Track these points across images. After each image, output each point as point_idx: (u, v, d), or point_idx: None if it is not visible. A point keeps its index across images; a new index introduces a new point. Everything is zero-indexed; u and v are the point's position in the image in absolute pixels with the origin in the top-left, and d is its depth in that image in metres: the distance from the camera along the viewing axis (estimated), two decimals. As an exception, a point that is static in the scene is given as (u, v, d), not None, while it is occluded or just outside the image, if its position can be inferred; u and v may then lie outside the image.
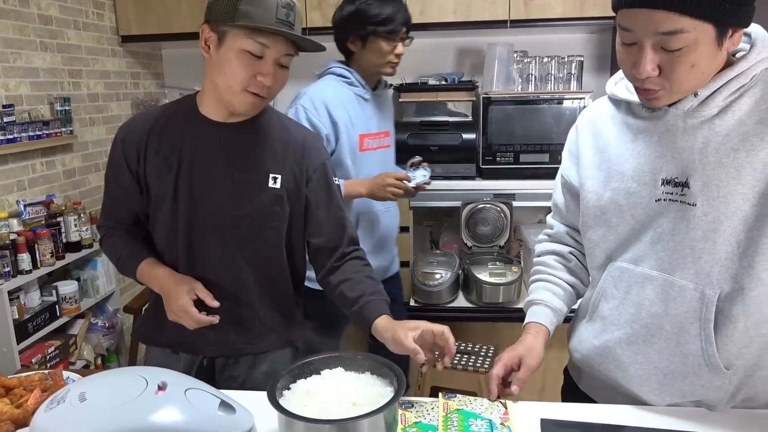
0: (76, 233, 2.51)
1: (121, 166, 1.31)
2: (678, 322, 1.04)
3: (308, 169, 1.31)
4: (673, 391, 1.08)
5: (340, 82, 1.94)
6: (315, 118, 1.86)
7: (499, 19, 2.69)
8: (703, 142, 0.98)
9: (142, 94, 3.22)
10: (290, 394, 1.02)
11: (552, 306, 1.24)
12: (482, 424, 1.04)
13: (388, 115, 2.12)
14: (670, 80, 0.94)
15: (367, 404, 0.97)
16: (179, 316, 1.24)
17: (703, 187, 0.98)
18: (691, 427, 1.05)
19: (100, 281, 2.69)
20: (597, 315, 1.16)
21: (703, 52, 0.90)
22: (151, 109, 1.38)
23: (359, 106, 1.95)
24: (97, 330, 2.72)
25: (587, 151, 1.16)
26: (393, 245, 2.21)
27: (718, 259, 0.99)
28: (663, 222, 1.03)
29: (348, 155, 1.93)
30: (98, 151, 2.88)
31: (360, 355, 1.11)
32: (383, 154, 2.06)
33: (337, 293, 1.31)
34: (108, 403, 0.70)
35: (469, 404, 1.12)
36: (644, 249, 1.06)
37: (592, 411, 1.11)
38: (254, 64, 1.16)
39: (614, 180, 1.09)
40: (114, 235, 1.39)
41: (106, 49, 2.94)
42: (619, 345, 1.11)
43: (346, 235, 1.35)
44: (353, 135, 1.93)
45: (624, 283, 1.10)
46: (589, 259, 1.19)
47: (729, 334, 1.01)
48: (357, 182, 1.92)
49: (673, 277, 1.03)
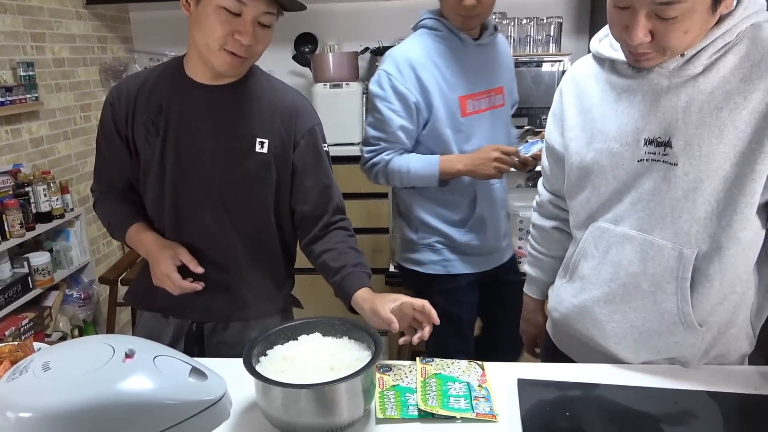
0: (46, 203, 2.44)
1: (111, 129, 1.29)
2: (655, 282, 1.04)
3: (296, 134, 1.28)
4: (649, 349, 1.09)
5: (431, 35, 1.62)
6: (400, 84, 1.58)
7: (478, -21, 2.63)
8: (687, 101, 0.97)
9: (110, 59, 3.11)
10: (267, 360, 1.01)
11: (538, 280, 1.39)
12: (461, 387, 1.05)
13: (500, 66, 1.71)
14: (662, 45, 0.92)
15: (345, 368, 0.97)
16: (162, 281, 1.24)
17: (685, 146, 0.97)
18: (665, 383, 1.06)
19: (74, 252, 2.64)
20: (576, 275, 1.17)
21: (697, 19, 0.89)
22: (142, 71, 1.34)
23: (457, 63, 1.61)
24: (72, 301, 2.68)
25: (571, 112, 1.15)
26: (502, 219, 1.81)
27: (698, 219, 0.99)
28: (645, 182, 1.03)
29: (447, 123, 1.61)
30: (66, 119, 2.79)
31: (337, 320, 1.09)
32: (495, 115, 1.69)
33: (320, 262, 1.29)
34: (73, 372, 0.68)
35: (447, 368, 1.12)
36: (625, 209, 1.06)
37: (568, 370, 1.12)
38: (231, 21, 1.12)
39: (597, 141, 1.08)
40: (107, 199, 1.38)
41: (70, 11, 2.81)
42: (596, 304, 1.12)
43: (332, 204, 1.32)
44: (451, 98, 1.61)
45: (604, 242, 1.10)
46: (572, 219, 1.20)
47: (704, 293, 1.02)
48: (454, 157, 1.62)
49: (652, 236, 1.03)
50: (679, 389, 1.04)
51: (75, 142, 2.85)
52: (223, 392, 0.79)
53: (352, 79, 2.84)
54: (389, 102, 1.60)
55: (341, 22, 3.13)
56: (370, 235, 2.87)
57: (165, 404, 0.71)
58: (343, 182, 3.20)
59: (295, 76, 3.17)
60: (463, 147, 1.63)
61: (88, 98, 2.95)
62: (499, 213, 1.78)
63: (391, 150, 1.65)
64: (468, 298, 1.82)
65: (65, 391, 0.67)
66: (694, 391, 1.04)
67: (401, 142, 1.64)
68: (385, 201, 2.79)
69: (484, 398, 1.02)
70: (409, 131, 1.63)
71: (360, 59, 2.99)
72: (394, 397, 1.03)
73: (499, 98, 1.70)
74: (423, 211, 1.74)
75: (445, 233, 1.73)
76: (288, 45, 3.12)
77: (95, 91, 3.00)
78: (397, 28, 3.07)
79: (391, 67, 1.60)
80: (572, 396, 1.05)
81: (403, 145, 1.65)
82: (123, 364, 0.70)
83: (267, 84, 1.30)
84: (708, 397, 1.03)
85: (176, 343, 1.35)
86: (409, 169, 1.63)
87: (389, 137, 1.64)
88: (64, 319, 2.59)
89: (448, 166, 1.60)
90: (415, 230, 1.77)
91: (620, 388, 1.06)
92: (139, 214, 1.34)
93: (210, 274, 1.27)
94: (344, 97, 2.77)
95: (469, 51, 1.62)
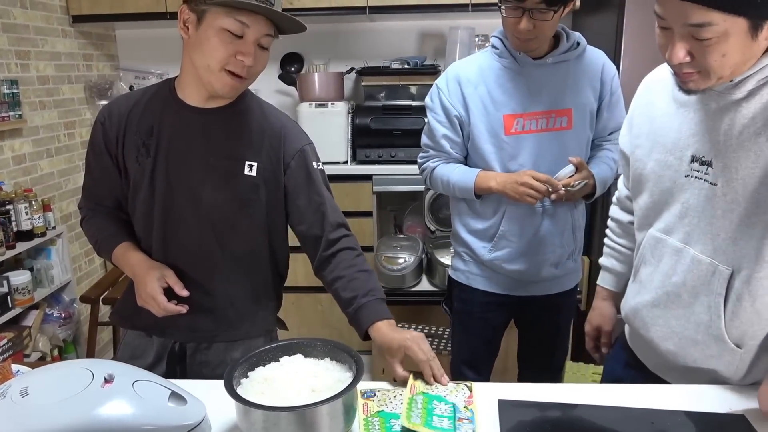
0: (28, 221, 2.42)
1: (100, 148, 1.31)
2: (694, 293, 1.09)
3: (285, 156, 1.29)
4: (686, 355, 1.13)
5: (492, 53, 1.64)
6: (446, 99, 1.65)
7: (461, 3, 2.68)
8: (729, 124, 1.00)
9: (96, 77, 3.10)
10: (248, 382, 1.01)
11: (614, 271, 1.45)
12: (446, 408, 1.05)
13: (573, 87, 1.62)
14: (703, 66, 0.94)
15: (326, 390, 0.97)
16: (147, 302, 1.24)
17: (723, 168, 1.01)
18: (643, 403, 1.07)
19: (55, 271, 2.61)
20: (638, 278, 1.23)
21: (735, 43, 0.90)
22: (133, 91, 1.36)
23: (510, 82, 1.60)
24: (52, 320, 2.64)
25: (639, 118, 1.21)
26: (549, 250, 1.70)
27: (734, 239, 1.02)
28: (690, 197, 1.07)
29: (487, 140, 1.62)
30: (50, 136, 2.78)
31: (319, 341, 1.10)
32: (553, 137, 1.62)
33: (333, 291, 1.30)
34: (51, 398, 0.68)
35: (436, 387, 1.12)
36: (674, 221, 1.11)
37: (548, 390, 1.13)
38: (234, 43, 1.15)
39: (657, 150, 1.14)
40: (94, 217, 1.38)
41: (56, 29, 2.82)
42: (645, 307, 1.19)
43: (328, 222, 1.32)
44: (495, 116, 1.61)
45: (658, 251, 1.16)
46: (635, 219, 1.25)
47: (736, 312, 1.05)
48: (491, 174, 1.62)
49: (694, 250, 1.08)
50: (657, 409, 1.06)
51: (58, 160, 2.83)
52: (203, 416, 0.79)
53: (338, 99, 2.86)
54: (436, 113, 1.69)
55: (327, 42, 3.16)
56: (354, 254, 2.88)
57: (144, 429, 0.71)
58: (327, 201, 3.17)
59: (281, 95, 3.20)
60: (507, 165, 1.63)
61: (73, 116, 2.94)
62: (544, 239, 1.68)
63: (438, 158, 1.73)
64: (489, 316, 1.80)
65: (43, 418, 0.66)
66: (671, 411, 1.05)
67: (446, 151, 1.70)
68: (370, 219, 2.80)
69: (467, 420, 1.02)
70: (454, 142, 1.69)
71: (345, 79, 3.02)
72: (378, 424, 1.02)
73: (563, 120, 1.62)
74: (458, 220, 1.78)
75: (470, 246, 1.74)
76: (274, 64, 3.15)
77: (80, 108, 3.00)
78: (382, 49, 3.12)
79: (442, 82, 1.68)
80: (552, 416, 1.06)
81: (448, 155, 1.71)
82: (102, 390, 0.70)
83: (257, 107, 1.31)
84: (685, 416, 1.04)
85: (159, 361, 1.35)
86: (449, 178, 1.69)
87: (435, 146, 1.72)
88: (44, 339, 2.55)
89: (483, 181, 1.63)
90: (454, 237, 1.83)
91: (599, 408, 1.07)
92: (127, 233, 1.34)
93: (195, 296, 1.27)
94: (329, 117, 2.79)
95: (526, 71, 1.60)
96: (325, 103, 2.81)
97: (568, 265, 1.75)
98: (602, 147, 1.73)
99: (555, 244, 1.69)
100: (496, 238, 1.69)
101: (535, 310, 1.80)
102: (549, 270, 1.71)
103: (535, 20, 1.45)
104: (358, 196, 2.78)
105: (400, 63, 2.87)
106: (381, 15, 2.80)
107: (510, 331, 1.92)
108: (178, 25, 1.20)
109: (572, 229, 1.71)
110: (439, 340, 2.43)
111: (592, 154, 1.72)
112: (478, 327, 1.82)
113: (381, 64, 2.91)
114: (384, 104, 2.83)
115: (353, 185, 2.77)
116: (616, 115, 1.70)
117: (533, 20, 1.45)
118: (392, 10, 2.72)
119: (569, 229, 1.70)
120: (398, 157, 2.76)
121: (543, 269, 1.71)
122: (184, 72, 1.25)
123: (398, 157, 2.75)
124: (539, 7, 1.43)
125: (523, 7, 1.44)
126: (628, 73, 2.30)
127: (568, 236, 1.71)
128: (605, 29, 2.47)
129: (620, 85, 1.68)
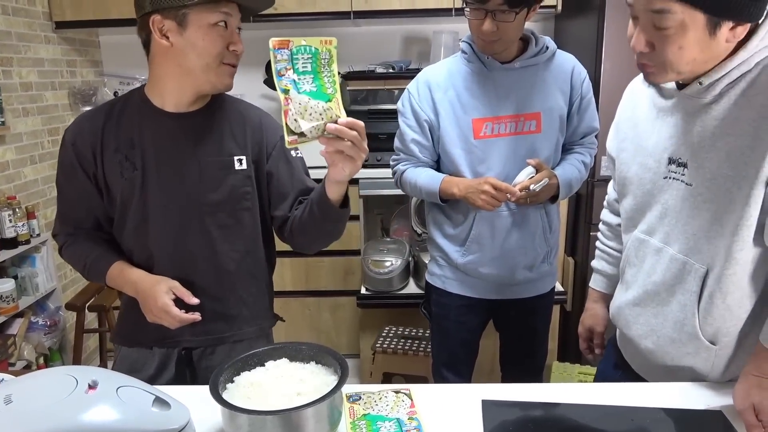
0: (12, 229, 2.41)
1: (74, 169, 1.27)
2: (671, 292, 1.12)
3: (267, 146, 1.33)
4: (664, 354, 1.16)
5: (462, 58, 1.65)
6: (416, 103, 1.66)
7: (444, 8, 2.70)
8: (701, 126, 1.03)
9: (80, 83, 3.09)
10: (234, 387, 1.02)
11: (604, 273, 1.47)
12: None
13: (542, 91, 1.62)
14: (660, 58, 0.98)
15: (312, 393, 0.97)
16: (160, 317, 1.22)
17: (698, 168, 1.04)
18: (623, 401, 1.10)
19: (40, 278, 2.60)
20: (624, 279, 1.27)
21: (693, 37, 0.94)
22: (97, 107, 1.32)
23: (478, 86, 1.61)
24: (38, 329, 2.63)
25: (624, 123, 1.24)
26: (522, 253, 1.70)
27: (709, 237, 1.05)
28: (668, 198, 1.11)
29: (457, 144, 1.63)
30: (34, 143, 2.76)
31: (304, 345, 1.10)
32: (521, 141, 1.62)
33: (298, 223, 1.31)
34: (35, 405, 0.68)
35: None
36: (655, 222, 1.15)
37: (530, 390, 1.15)
38: (223, 35, 1.19)
39: (639, 154, 1.17)
40: (75, 243, 1.34)
41: (39, 35, 2.80)
42: (628, 306, 1.23)
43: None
44: (464, 120, 1.61)
45: (641, 252, 1.19)
46: (622, 223, 1.29)
47: (709, 310, 1.07)
48: (454, 180, 1.63)
49: (672, 249, 1.11)
50: (636, 407, 1.08)
51: (42, 167, 2.81)
52: (187, 421, 0.79)
53: (323, 103, 2.87)
54: (406, 118, 1.71)
55: (312, 46, 3.17)
56: (341, 258, 2.89)
57: (129, 434, 0.72)
58: (314, 205, 3.15)
59: (267, 99, 3.20)
60: (476, 168, 1.64)
61: (57, 122, 2.93)
62: (516, 242, 1.68)
63: (408, 162, 1.75)
64: (465, 320, 1.81)
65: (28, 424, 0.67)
66: (650, 408, 1.07)
67: (415, 155, 1.72)
68: (356, 223, 2.81)
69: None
70: (424, 146, 1.70)
71: (331, 83, 3.02)
72: (365, 427, 1.03)
73: (531, 124, 1.63)
74: (433, 225, 1.80)
75: (445, 250, 1.76)
76: (259, 69, 3.15)
77: (64, 115, 2.98)
78: (367, 53, 3.13)
79: (413, 86, 1.70)
80: (534, 415, 1.08)
81: (417, 158, 1.72)
82: (86, 396, 0.71)
83: (231, 105, 1.34)
84: (664, 413, 1.06)
85: (161, 372, 1.35)
86: (417, 182, 1.71)
87: (405, 150, 1.73)
88: (29, 347, 2.53)
89: (447, 187, 1.64)
90: (430, 241, 1.84)
91: (580, 406, 1.09)
92: (115, 252, 1.32)
93: (204, 301, 1.27)
94: (315, 121, 2.80)
95: (494, 75, 1.61)
96: (310, 107, 2.81)
97: (543, 268, 1.76)
98: (573, 150, 1.75)
99: (527, 247, 1.70)
100: (468, 242, 1.70)
101: (511, 312, 1.82)
102: (523, 273, 1.73)
103: (498, 22, 1.47)
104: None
105: (385, 67, 2.89)
106: (365, 20, 2.82)
107: (494, 333, 1.94)
108: (153, 36, 1.18)
109: (543, 231, 1.71)
110: (427, 342, 2.44)
111: (562, 158, 1.73)
112: (456, 330, 1.83)
113: (366, 69, 2.93)
114: (369, 108, 2.84)
115: (339, 189, 2.78)
116: (587, 118, 1.72)
117: (496, 22, 1.47)
118: (376, 15, 2.74)
119: (540, 232, 1.71)
120: (384, 161, 2.77)
121: (516, 272, 1.72)
122: (160, 79, 1.24)
123: (384, 160, 2.77)
124: (501, 8, 1.44)
125: (486, 9, 1.46)
126: (608, 76, 2.34)
127: (540, 239, 1.71)
128: (586, 33, 2.51)
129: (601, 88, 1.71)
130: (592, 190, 2.49)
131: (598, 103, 2.25)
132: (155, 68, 1.23)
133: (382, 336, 2.51)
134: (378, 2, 2.72)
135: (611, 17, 2.32)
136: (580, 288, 2.62)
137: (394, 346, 2.41)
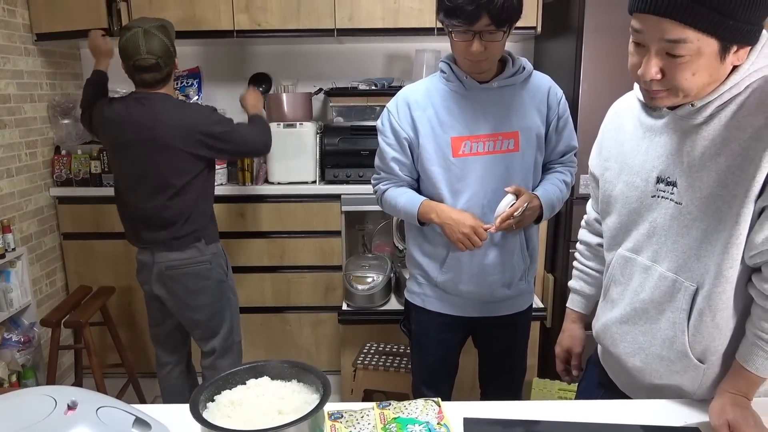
0: (-14, 243, 2.36)
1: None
2: (660, 310, 1.13)
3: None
4: (652, 372, 1.17)
5: (440, 77, 1.67)
6: (395, 121, 1.68)
7: (426, 27, 2.74)
8: (691, 146, 1.05)
9: (60, 96, 3.06)
10: (214, 406, 1.01)
11: (583, 293, 1.49)
12: (421, 429, 1.06)
13: (519, 109, 1.65)
14: (672, 84, 0.99)
15: (293, 412, 0.97)
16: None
17: (687, 187, 1.06)
18: (603, 418, 1.11)
19: (14, 294, 2.54)
20: (608, 297, 1.27)
21: (705, 63, 0.96)
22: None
23: (456, 105, 1.63)
24: (11, 345, 2.56)
25: (608, 142, 1.26)
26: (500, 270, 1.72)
27: (698, 256, 1.06)
28: (657, 217, 1.12)
29: (436, 161, 1.64)
30: (11, 156, 2.71)
31: (286, 363, 1.10)
32: (500, 159, 1.64)
33: None
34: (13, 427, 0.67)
35: (405, 409, 1.13)
36: (642, 240, 1.16)
37: (512, 408, 1.16)
38: None
39: (625, 173, 1.19)
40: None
41: (18, 47, 2.77)
42: (615, 324, 1.23)
43: None
44: (443, 138, 1.63)
45: (628, 270, 1.20)
46: (604, 241, 1.29)
47: (699, 328, 1.09)
48: (434, 206, 1.64)
49: (661, 267, 1.12)
50: (615, 424, 1.09)
51: (19, 180, 2.77)
52: (168, 441, 0.78)
53: (306, 119, 2.88)
54: (386, 136, 1.72)
55: (296, 63, 3.18)
56: (322, 273, 2.88)
57: (108, 456, 0.71)
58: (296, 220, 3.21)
59: (249, 114, 3.20)
60: (455, 186, 1.65)
61: (35, 135, 2.88)
62: (494, 260, 1.69)
63: (388, 181, 1.75)
64: (444, 337, 1.82)
65: (3, 447, 0.65)
66: (629, 426, 1.09)
67: (396, 173, 1.72)
68: (338, 239, 2.81)
69: None
70: (404, 164, 1.71)
71: (314, 100, 3.04)
72: (396, 429, 1.03)
73: (509, 143, 1.64)
74: (412, 242, 1.80)
75: (424, 268, 1.76)
76: (242, 84, 3.15)
77: (42, 127, 2.94)
78: (350, 70, 3.15)
79: (392, 105, 1.71)
80: (515, 433, 1.08)
81: (397, 177, 1.73)
82: (65, 417, 0.70)
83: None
84: (641, 430, 1.08)
85: None
86: (396, 203, 1.72)
87: (386, 168, 1.74)
88: (2, 365, 2.47)
89: (426, 211, 1.65)
90: (409, 259, 1.84)
91: (561, 424, 1.10)
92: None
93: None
94: (298, 137, 2.81)
95: (472, 94, 1.63)
96: (293, 123, 2.82)
97: (521, 285, 1.77)
98: (553, 170, 1.77)
99: (505, 265, 1.71)
100: (447, 260, 1.71)
101: (490, 330, 1.83)
102: (501, 291, 1.74)
103: (485, 42, 1.49)
104: (327, 216, 2.79)
105: (368, 84, 2.91)
106: (349, 37, 2.84)
107: (474, 350, 1.94)
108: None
109: (521, 249, 1.73)
110: (408, 359, 2.44)
111: (543, 177, 1.75)
112: (435, 347, 1.84)
113: (349, 85, 2.95)
114: (352, 125, 2.86)
115: (322, 205, 2.78)
116: (566, 137, 1.74)
117: (484, 42, 1.49)
118: (360, 32, 2.76)
119: (518, 250, 1.72)
120: (366, 177, 2.78)
121: (495, 290, 1.73)
122: None
123: (366, 177, 2.78)
124: (489, 29, 1.47)
125: (474, 30, 1.47)
126: (587, 95, 2.38)
127: (518, 257, 1.72)
128: (565, 54, 2.56)
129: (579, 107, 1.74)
130: (571, 207, 2.52)
131: (576, 123, 2.30)
132: None
133: (363, 352, 2.50)
134: (361, 20, 2.74)
135: (589, 39, 2.37)
136: (559, 304, 2.64)
137: (375, 363, 2.40)
